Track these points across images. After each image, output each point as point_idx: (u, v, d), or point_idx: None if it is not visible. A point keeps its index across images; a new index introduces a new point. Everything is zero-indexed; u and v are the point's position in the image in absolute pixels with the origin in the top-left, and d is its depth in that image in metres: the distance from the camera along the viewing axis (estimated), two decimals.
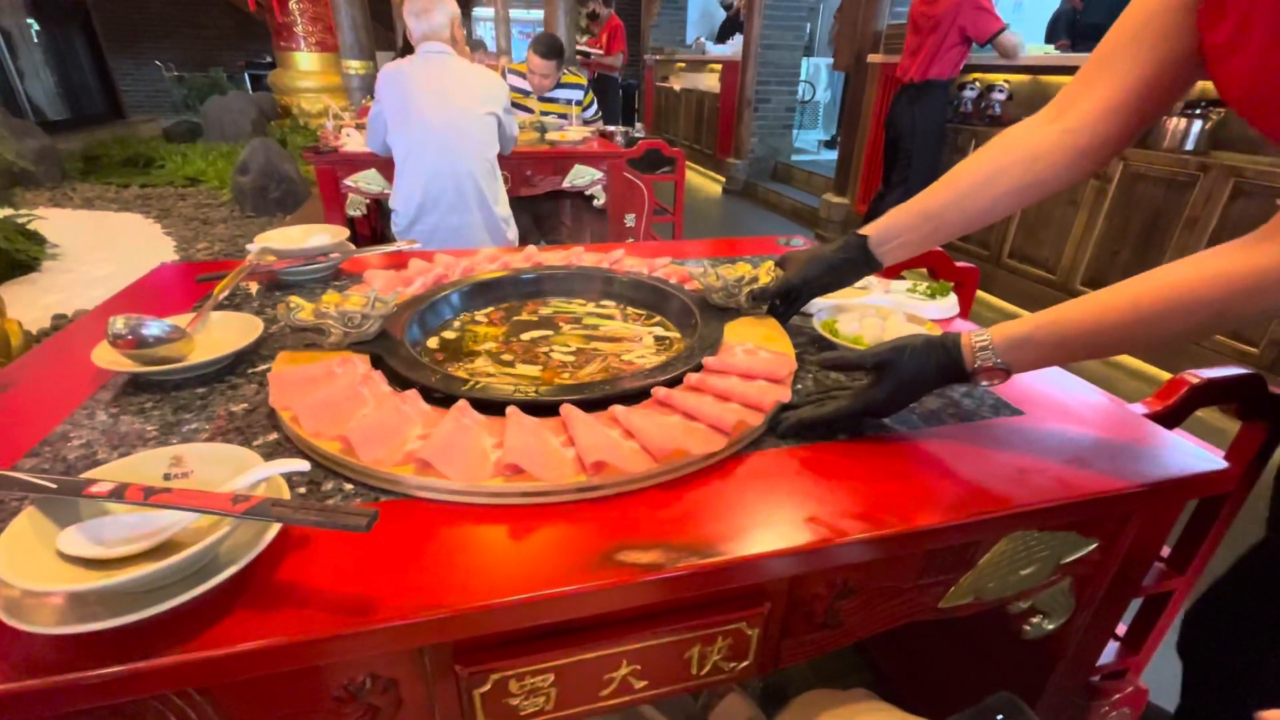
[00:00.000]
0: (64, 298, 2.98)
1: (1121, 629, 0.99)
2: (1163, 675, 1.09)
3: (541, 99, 3.15)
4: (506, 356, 0.83)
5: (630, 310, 0.99)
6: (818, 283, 0.85)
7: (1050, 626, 0.72)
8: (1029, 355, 0.65)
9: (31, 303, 2.91)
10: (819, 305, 0.94)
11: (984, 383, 0.67)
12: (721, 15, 7.97)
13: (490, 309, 0.99)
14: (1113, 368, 2.74)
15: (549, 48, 3.01)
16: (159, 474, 0.52)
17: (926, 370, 0.67)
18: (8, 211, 3.46)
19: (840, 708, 0.73)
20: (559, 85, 3.18)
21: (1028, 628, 0.72)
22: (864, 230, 0.82)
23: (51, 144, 5.34)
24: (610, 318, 0.96)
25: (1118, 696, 0.98)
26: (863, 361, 0.69)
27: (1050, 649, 0.78)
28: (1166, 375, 1.64)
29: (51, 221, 3.79)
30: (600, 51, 6.05)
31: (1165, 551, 0.96)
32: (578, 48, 6.10)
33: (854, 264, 0.83)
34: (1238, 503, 0.91)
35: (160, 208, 4.56)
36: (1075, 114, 0.70)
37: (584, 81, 3.29)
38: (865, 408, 0.68)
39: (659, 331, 0.92)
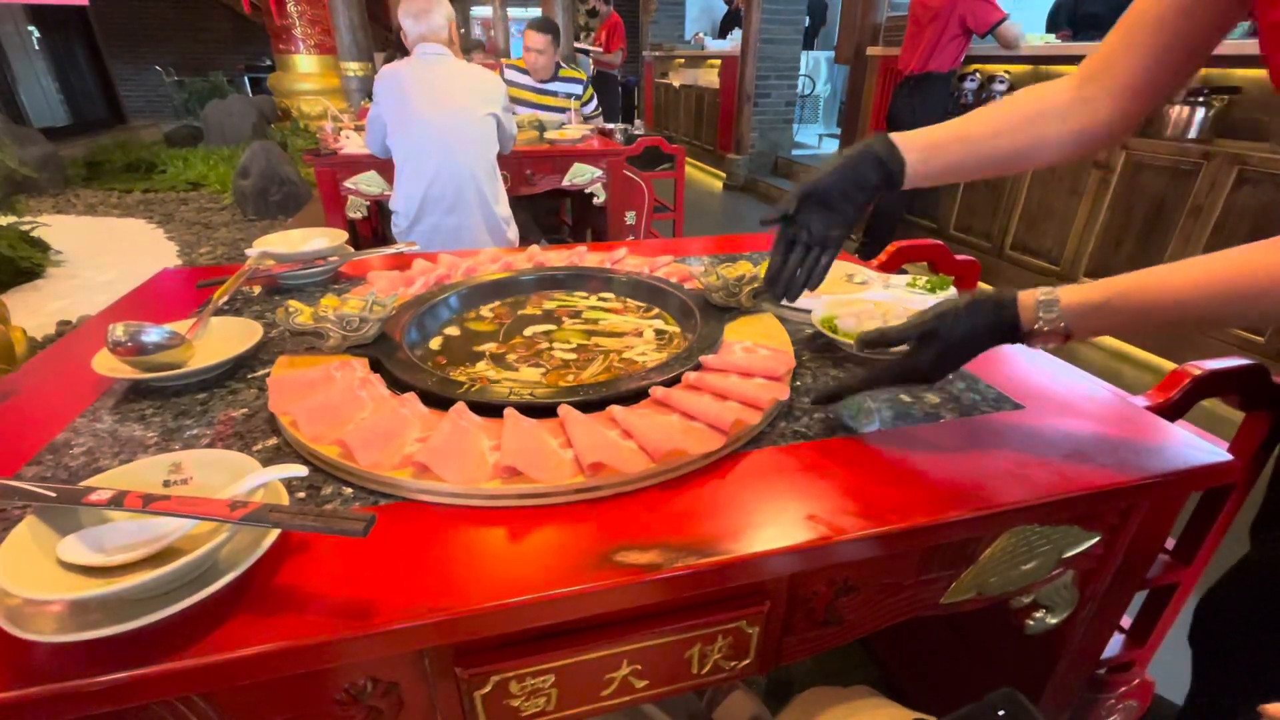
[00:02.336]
0: (68, 304, 3.00)
1: (1127, 621, 0.98)
2: (1169, 667, 1.09)
3: (541, 91, 3.15)
4: (510, 357, 0.83)
5: (631, 302, 1.00)
6: (831, 183, 0.74)
7: (1053, 621, 0.72)
8: (1099, 323, 0.61)
9: (36, 309, 2.92)
10: (816, 301, 0.94)
11: (1039, 345, 0.64)
12: (721, 10, 7.95)
13: (495, 304, 1.00)
14: (1117, 359, 2.73)
15: (545, 22, 3.03)
16: (158, 481, 0.52)
17: (977, 332, 0.63)
18: (11, 219, 3.48)
19: (842, 704, 0.73)
20: (558, 79, 3.18)
21: (1031, 623, 0.72)
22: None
23: (54, 150, 5.36)
24: (613, 310, 0.96)
25: (1124, 689, 0.98)
26: (905, 335, 0.66)
27: (1054, 643, 0.78)
28: (1171, 365, 1.64)
29: (55, 228, 3.81)
30: (599, 49, 6.04)
31: (1170, 544, 0.95)
32: (576, 46, 6.09)
33: (874, 160, 0.73)
34: (1242, 494, 0.90)
35: (162, 212, 4.58)
36: (1095, 86, 0.70)
37: (584, 76, 3.29)
38: (903, 375, 0.66)
39: (660, 325, 0.92)
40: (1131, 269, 0.58)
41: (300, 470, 0.52)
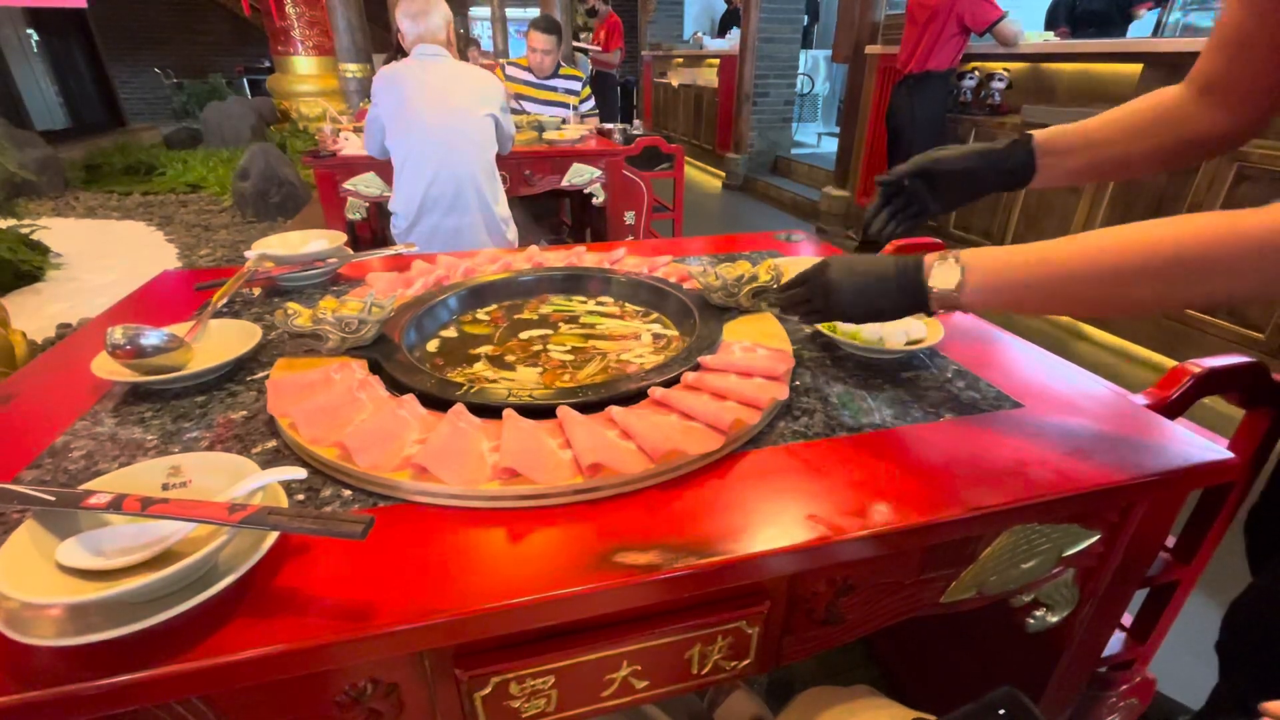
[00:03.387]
0: (68, 307, 3.00)
1: (1128, 619, 0.98)
2: (1171, 665, 1.09)
3: (541, 86, 3.17)
4: (509, 358, 0.83)
5: (629, 306, 1.00)
6: (958, 169, 0.76)
7: (1054, 619, 0.72)
8: (999, 299, 0.62)
9: (36, 312, 2.93)
10: None
11: (936, 309, 0.65)
12: (720, 9, 7.94)
13: (493, 307, 0.99)
14: (1117, 356, 2.73)
15: (549, 22, 3.04)
16: (157, 484, 0.52)
17: (876, 269, 0.67)
18: (11, 222, 3.47)
19: (843, 704, 0.73)
20: (558, 76, 3.20)
21: (1031, 621, 0.72)
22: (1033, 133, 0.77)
23: (53, 153, 5.37)
24: (611, 315, 0.96)
25: (1125, 687, 0.98)
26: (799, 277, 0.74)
27: (1055, 641, 0.78)
28: (1171, 363, 1.63)
29: (55, 231, 3.81)
30: (598, 48, 6.04)
31: (1170, 541, 0.95)
32: (575, 45, 6.09)
33: (1010, 158, 0.76)
34: (1243, 491, 0.90)
35: (162, 215, 4.58)
36: (1215, 93, 0.69)
37: (582, 75, 3.31)
38: (799, 301, 0.73)
39: (657, 329, 0.92)
40: None
41: (299, 472, 0.52)
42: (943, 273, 0.64)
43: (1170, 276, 0.53)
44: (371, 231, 3.04)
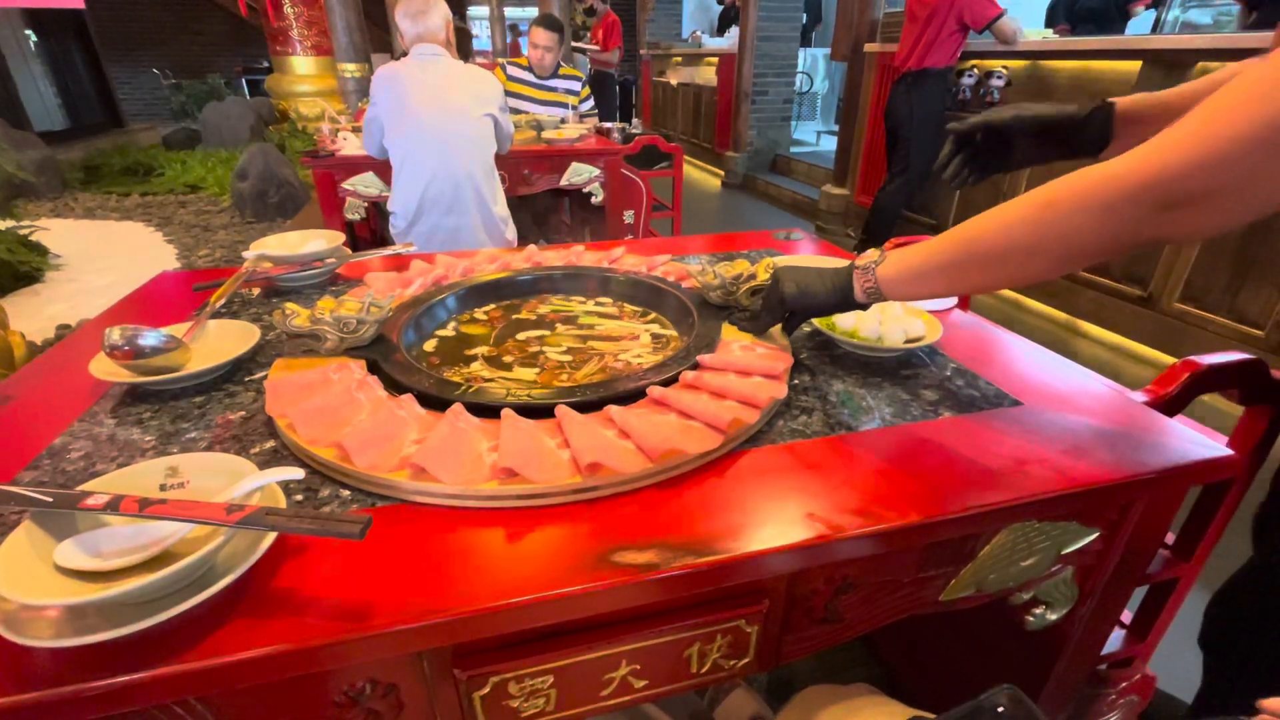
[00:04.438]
0: (67, 308, 3.00)
1: (1127, 617, 0.98)
2: (1171, 662, 1.09)
3: (541, 87, 3.17)
4: (507, 359, 0.83)
5: (628, 307, 0.99)
6: (1031, 128, 0.78)
7: (1053, 617, 0.72)
8: (909, 283, 0.67)
9: (35, 313, 2.92)
10: None
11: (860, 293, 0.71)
12: (718, 8, 7.93)
13: (490, 307, 0.99)
14: (1116, 353, 2.73)
15: (553, 20, 3.04)
16: (155, 485, 0.52)
17: (815, 273, 0.75)
18: (10, 223, 3.47)
19: (842, 702, 0.73)
20: (557, 76, 3.20)
21: (1030, 619, 0.72)
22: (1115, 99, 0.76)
23: (51, 154, 5.36)
24: (610, 316, 0.96)
25: (1125, 684, 0.98)
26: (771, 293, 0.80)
27: (1054, 639, 0.78)
28: (1170, 360, 1.64)
29: (53, 232, 3.81)
30: (597, 48, 6.03)
31: (1170, 538, 0.95)
32: (574, 45, 6.08)
33: (1088, 124, 0.76)
34: (1242, 488, 0.90)
35: (161, 216, 4.58)
36: None
37: (582, 75, 3.31)
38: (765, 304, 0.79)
39: (656, 329, 0.92)
40: (1131, 263, 0.59)
41: (297, 473, 0.52)
42: (865, 259, 0.71)
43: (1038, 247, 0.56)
44: (370, 231, 3.04)
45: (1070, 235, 0.53)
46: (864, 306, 0.73)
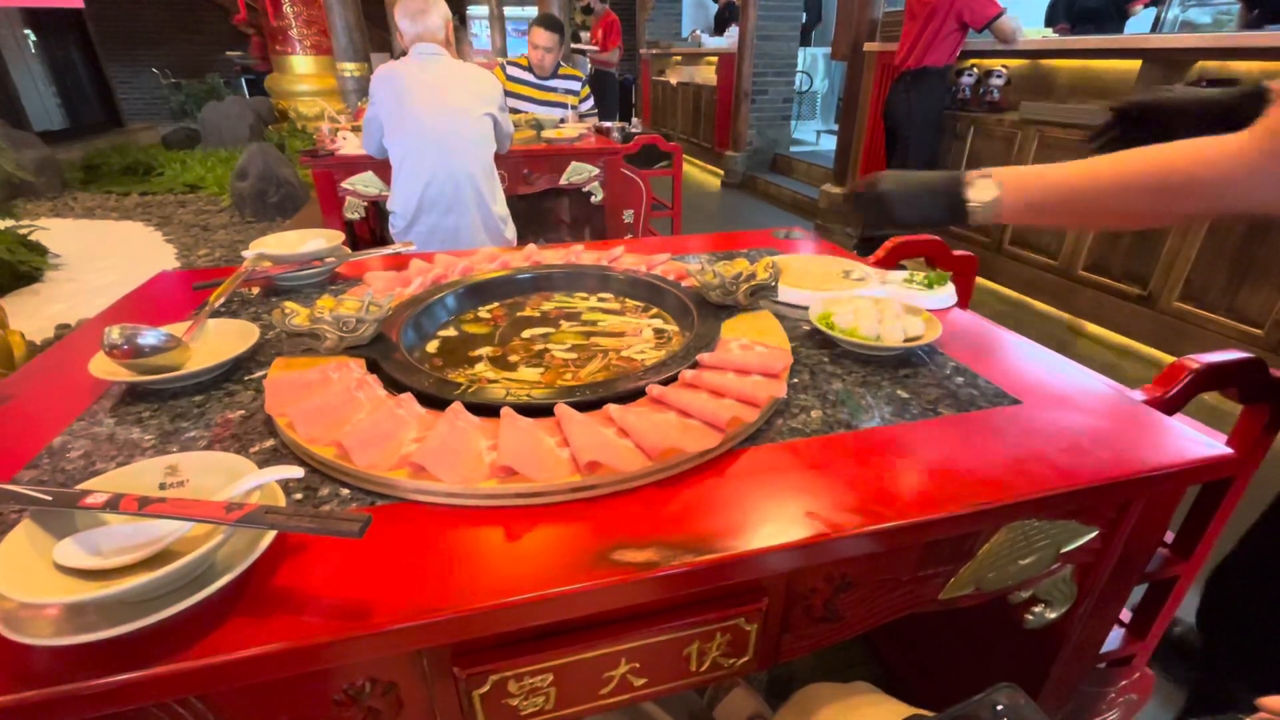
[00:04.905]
0: (67, 307, 3.00)
1: (1127, 615, 0.99)
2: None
3: (541, 87, 3.16)
4: (513, 359, 0.83)
5: (630, 302, 1.00)
6: (1185, 110, 0.83)
7: (1052, 615, 0.72)
8: (1028, 212, 0.75)
9: (35, 313, 2.92)
10: (814, 298, 0.94)
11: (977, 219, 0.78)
12: (714, 8, 7.93)
13: (493, 305, 0.99)
14: (1115, 352, 2.73)
15: (553, 20, 3.04)
16: (154, 484, 0.52)
17: (923, 183, 0.81)
18: (9, 223, 3.47)
19: (841, 700, 0.73)
20: (557, 76, 3.20)
21: (1030, 617, 0.72)
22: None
23: (51, 154, 5.35)
24: (613, 311, 0.96)
25: (1124, 683, 0.98)
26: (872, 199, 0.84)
27: (1053, 638, 0.78)
28: (1169, 359, 1.61)
29: (53, 232, 3.81)
30: (596, 48, 6.03)
31: (1169, 537, 0.95)
32: (574, 48, 6.07)
33: (1239, 109, 0.77)
34: (1241, 487, 0.90)
35: (160, 215, 4.57)
36: None
37: (581, 75, 3.31)
38: (860, 207, 0.84)
39: (659, 324, 0.92)
40: (1130, 262, 0.60)
41: (296, 471, 0.52)
42: (981, 189, 0.76)
43: (1159, 192, 0.66)
44: (370, 231, 3.04)
45: (1178, 209, 0.65)
46: (962, 221, 0.78)
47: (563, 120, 2.95)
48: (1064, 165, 0.72)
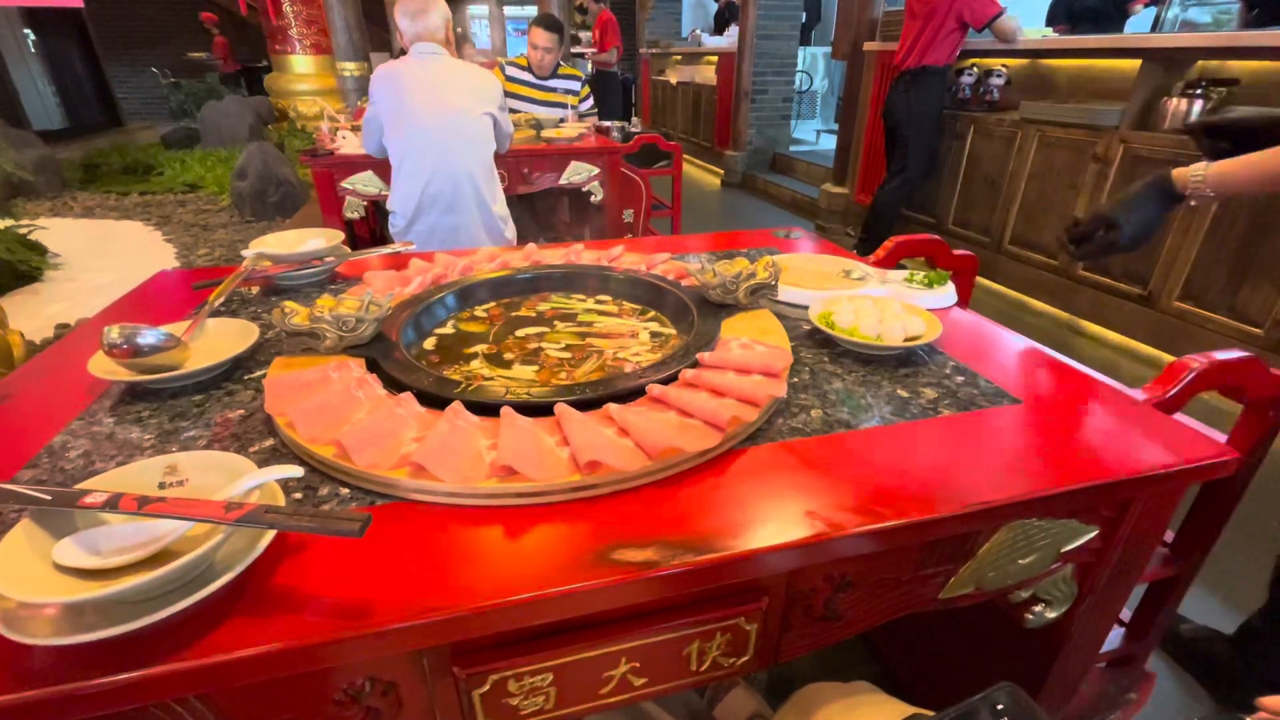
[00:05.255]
0: (67, 307, 3.00)
1: (1127, 615, 0.99)
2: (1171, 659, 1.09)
3: (541, 87, 3.16)
4: (507, 356, 0.83)
5: (628, 305, 0.99)
6: (1255, 127, 0.98)
7: (1052, 615, 0.72)
8: (1236, 183, 0.88)
9: (34, 313, 2.92)
10: (814, 297, 0.94)
11: (1195, 203, 0.94)
12: (714, 7, 7.92)
13: (490, 304, 0.99)
14: (1115, 352, 2.73)
15: (552, 21, 3.03)
16: (154, 483, 0.52)
17: (1146, 196, 0.96)
18: (9, 222, 3.47)
19: (841, 699, 0.73)
20: (556, 76, 3.19)
21: (1030, 616, 0.72)
22: None
23: (51, 153, 5.35)
24: (609, 313, 0.96)
25: (1124, 682, 0.98)
26: (1096, 223, 0.99)
27: (1053, 637, 0.78)
28: (1169, 358, 1.60)
29: (53, 231, 3.80)
30: (594, 50, 6.03)
31: (1169, 536, 0.95)
32: (574, 52, 6.07)
33: None
34: (1242, 486, 0.90)
35: (160, 215, 4.57)
36: None
37: (581, 75, 3.30)
38: (1110, 248, 0.98)
39: (655, 327, 0.92)
40: (1130, 262, 0.60)
41: (296, 471, 0.52)
42: (1187, 171, 0.92)
43: None
44: (370, 231, 3.04)
45: None
46: (1181, 201, 0.94)
47: (562, 120, 2.95)
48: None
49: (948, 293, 1.03)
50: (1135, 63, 2.69)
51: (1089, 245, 1.01)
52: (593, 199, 2.76)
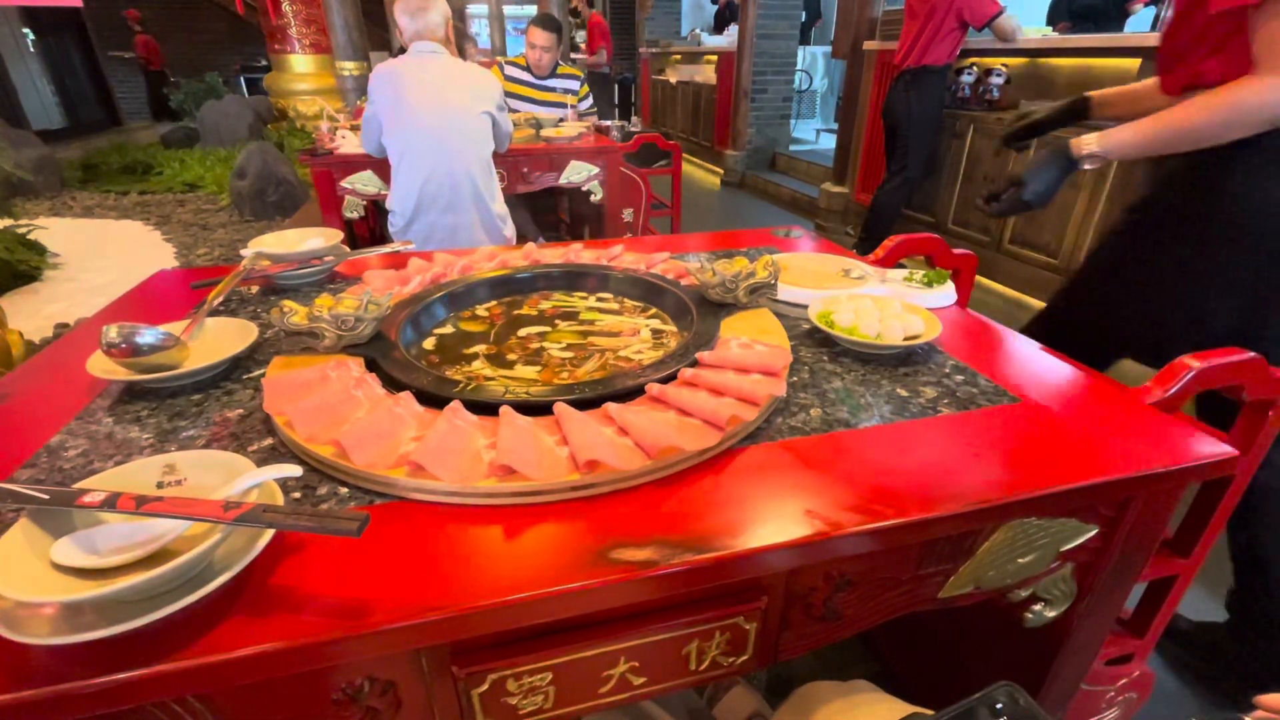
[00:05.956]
0: (66, 306, 2.99)
1: (1127, 614, 0.99)
2: (1173, 656, 1.09)
3: (540, 87, 3.16)
4: (510, 356, 0.83)
5: (629, 302, 0.99)
6: (1055, 120, 1.30)
7: (1052, 614, 0.72)
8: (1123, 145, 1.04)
9: (34, 312, 2.92)
10: (814, 296, 0.94)
11: (1087, 166, 1.10)
12: (713, 8, 7.92)
13: (491, 304, 0.99)
14: None
15: (551, 20, 3.03)
16: (152, 482, 0.52)
17: (1046, 163, 1.13)
18: (8, 222, 3.46)
19: (841, 698, 0.73)
20: (555, 76, 3.19)
21: (1029, 616, 0.72)
22: None
23: (50, 153, 5.35)
24: (610, 311, 0.96)
25: (1124, 681, 0.98)
26: (1007, 184, 1.17)
27: (1053, 636, 0.78)
28: None
29: (52, 231, 3.80)
30: (584, 56, 6.04)
31: (1169, 535, 0.95)
32: (572, 57, 6.07)
33: (1076, 109, 1.28)
34: (1241, 485, 0.90)
35: (159, 214, 4.57)
36: None
37: (580, 74, 3.30)
38: (1017, 206, 1.16)
39: (656, 325, 0.92)
40: None
41: (294, 470, 0.52)
42: (1080, 139, 1.08)
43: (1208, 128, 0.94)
44: (370, 230, 3.04)
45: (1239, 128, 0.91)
46: (1076, 166, 1.11)
47: (562, 119, 2.95)
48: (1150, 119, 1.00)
49: (947, 292, 1.03)
50: (1135, 61, 2.69)
51: (1001, 203, 1.18)
52: (592, 198, 2.76)
